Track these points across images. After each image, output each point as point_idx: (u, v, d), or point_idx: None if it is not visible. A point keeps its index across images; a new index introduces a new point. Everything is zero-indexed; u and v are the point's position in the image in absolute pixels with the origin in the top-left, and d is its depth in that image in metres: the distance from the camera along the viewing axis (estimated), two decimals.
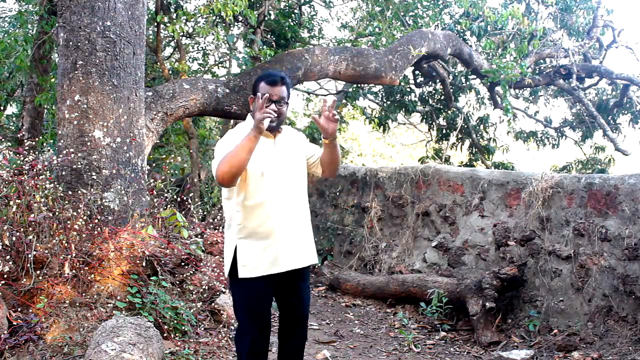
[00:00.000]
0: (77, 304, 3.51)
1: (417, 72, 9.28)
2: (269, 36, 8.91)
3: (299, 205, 2.61)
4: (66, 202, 3.82)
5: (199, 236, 4.71)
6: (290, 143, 2.66)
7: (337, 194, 6.58)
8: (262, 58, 7.46)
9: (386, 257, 5.78)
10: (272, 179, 2.51)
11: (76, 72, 4.17)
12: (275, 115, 2.41)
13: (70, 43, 4.21)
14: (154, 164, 7.46)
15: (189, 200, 5.38)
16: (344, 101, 10.82)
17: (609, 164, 9.81)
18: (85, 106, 4.15)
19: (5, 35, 7.73)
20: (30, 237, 3.55)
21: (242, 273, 2.50)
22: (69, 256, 3.59)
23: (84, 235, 3.76)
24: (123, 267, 3.77)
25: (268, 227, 2.50)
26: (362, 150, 17.13)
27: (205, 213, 7.00)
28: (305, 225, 2.64)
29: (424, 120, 10.58)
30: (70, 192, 3.94)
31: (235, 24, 9.11)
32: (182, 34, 7.93)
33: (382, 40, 8.29)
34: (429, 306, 4.71)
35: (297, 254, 2.57)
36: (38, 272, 3.52)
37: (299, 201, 2.61)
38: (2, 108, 9.44)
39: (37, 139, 6.53)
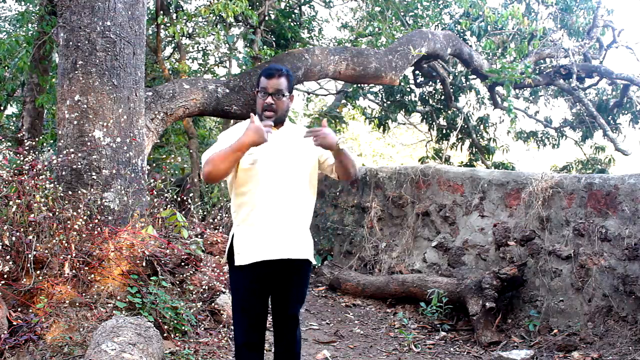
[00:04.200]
0: (77, 304, 3.51)
1: (417, 72, 9.27)
2: (269, 36, 8.91)
3: (296, 200, 2.55)
4: (66, 202, 3.83)
5: (199, 236, 4.71)
6: (293, 139, 2.62)
7: (337, 194, 6.58)
8: (262, 58, 7.46)
9: (386, 257, 5.78)
10: (263, 169, 2.50)
11: (76, 72, 4.18)
12: (272, 112, 2.52)
13: (70, 43, 4.21)
14: (154, 164, 7.46)
15: (189, 200, 5.38)
16: (343, 101, 10.82)
17: (609, 164, 9.80)
18: (85, 106, 4.16)
19: (7, 35, 7.74)
20: (30, 237, 3.55)
21: (237, 260, 2.51)
22: (69, 256, 3.59)
23: (84, 235, 3.76)
24: (123, 267, 3.77)
25: (258, 216, 2.49)
26: (362, 150, 17.11)
27: (205, 213, 7.00)
28: (302, 221, 2.58)
29: (424, 120, 10.57)
30: (70, 192, 3.94)
31: (236, 24, 9.11)
32: (182, 34, 7.92)
33: (382, 40, 8.29)
34: (429, 306, 4.71)
35: (289, 245, 2.52)
36: (38, 272, 3.52)
37: (296, 196, 2.55)
38: (2, 108, 9.44)
39: (37, 139, 6.53)
